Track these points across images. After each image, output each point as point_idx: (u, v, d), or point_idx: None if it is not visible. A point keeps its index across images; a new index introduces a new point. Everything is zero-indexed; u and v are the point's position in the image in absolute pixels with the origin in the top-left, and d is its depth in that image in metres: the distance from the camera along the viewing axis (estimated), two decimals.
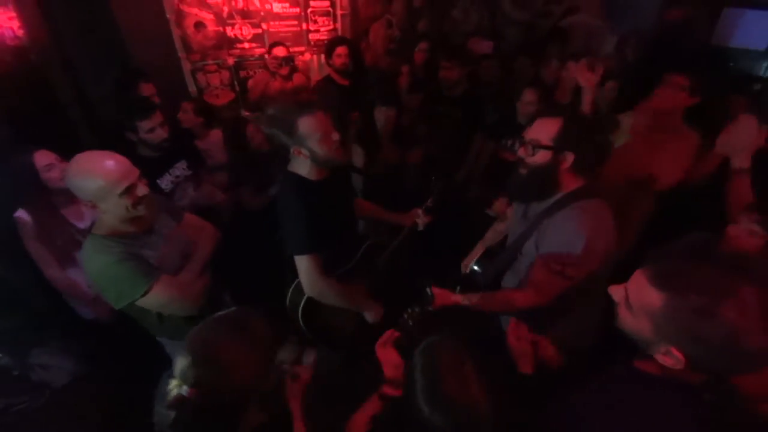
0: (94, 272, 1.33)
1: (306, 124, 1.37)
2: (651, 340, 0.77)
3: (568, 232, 1.21)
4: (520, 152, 1.30)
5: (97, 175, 1.27)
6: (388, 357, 1.19)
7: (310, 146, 1.40)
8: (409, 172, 3.08)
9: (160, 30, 2.90)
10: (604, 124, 2.15)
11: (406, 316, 1.31)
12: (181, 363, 0.87)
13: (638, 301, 0.78)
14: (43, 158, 1.76)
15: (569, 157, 1.21)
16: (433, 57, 3.26)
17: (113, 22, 2.70)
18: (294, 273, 1.53)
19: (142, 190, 1.34)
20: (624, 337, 0.85)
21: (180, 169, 2.19)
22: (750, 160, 1.58)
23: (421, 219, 1.83)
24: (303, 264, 1.46)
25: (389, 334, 1.25)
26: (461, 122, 2.87)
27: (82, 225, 1.86)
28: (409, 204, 1.90)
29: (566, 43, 3.24)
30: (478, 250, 1.78)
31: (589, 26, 3.58)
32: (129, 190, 1.31)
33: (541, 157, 1.24)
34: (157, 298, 1.35)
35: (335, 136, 1.42)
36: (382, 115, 2.93)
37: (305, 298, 1.57)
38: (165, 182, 2.11)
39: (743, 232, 1.36)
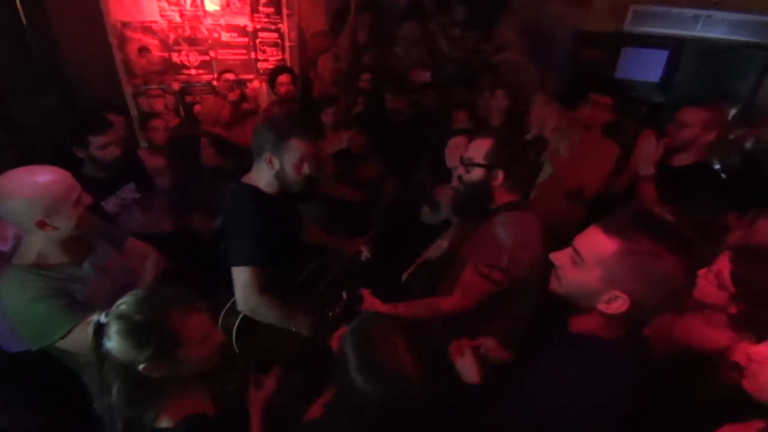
0: (12, 309, 1.19)
1: (297, 143, 1.44)
2: (597, 290, 0.85)
3: (497, 239, 1.32)
4: (459, 171, 1.41)
5: (52, 185, 1.17)
6: None
7: (283, 162, 1.44)
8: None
9: (101, 53, 2.83)
10: (533, 144, 2.36)
11: (330, 312, 1.33)
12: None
13: (591, 251, 0.86)
14: None
15: (500, 174, 1.33)
16: (376, 87, 3.51)
17: (51, 42, 2.60)
18: (228, 293, 1.46)
19: (85, 200, 1.27)
20: (557, 308, 0.96)
21: (128, 191, 2.12)
22: (654, 168, 1.88)
23: (365, 251, 1.90)
24: (242, 276, 1.40)
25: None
26: (408, 144, 3.08)
27: (4, 247, 1.61)
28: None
29: (496, 76, 3.63)
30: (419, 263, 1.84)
31: (516, 63, 4.05)
32: (77, 202, 1.22)
33: (476, 174, 1.36)
34: (79, 340, 1.19)
35: (306, 170, 1.49)
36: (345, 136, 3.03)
37: (239, 318, 1.49)
38: (111, 205, 2.03)
39: None
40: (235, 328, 1.49)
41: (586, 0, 3.68)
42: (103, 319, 0.90)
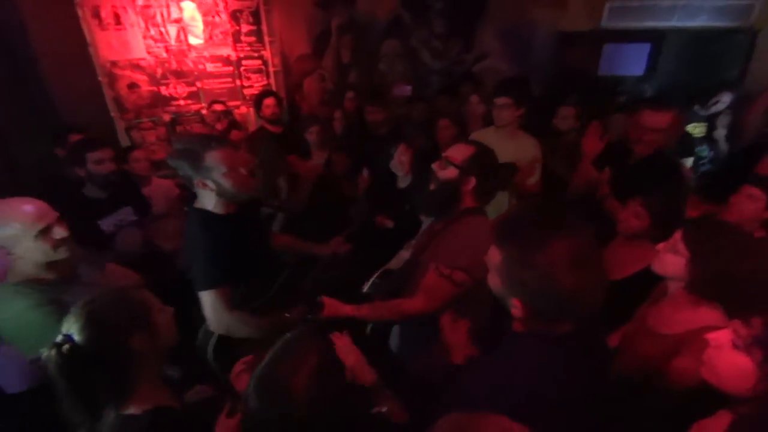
0: (7, 321, 1.26)
1: (213, 157, 1.39)
2: (503, 295, 0.87)
3: (457, 242, 1.34)
4: (435, 166, 1.44)
5: (11, 218, 1.24)
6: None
7: (216, 179, 1.41)
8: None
9: (92, 91, 2.99)
10: (506, 168, 2.40)
11: (286, 314, 1.32)
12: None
13: (491, 261, 0.89)
14: None
15: (472, 181, 1.37)
16: (361, 103, 3.56)
17: (43, 86, 2.77)
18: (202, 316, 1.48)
19: (59, 232, 1.31)
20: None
21: (125, 213, 2.24)
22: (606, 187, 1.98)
23: (341, 247, 1.92)
24: (207, 299, 1.41)
25: (240, 367, 1.21)
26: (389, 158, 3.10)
27: None
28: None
29: (477, 84, 3.66)
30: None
31: (497, 69, 4.08)
32: (44, 232, 1.27)
33: (450, 172, 1.38)
34: None
35: (243, 171, 1.45)
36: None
37: (215, 337, 1.50)
38: (107, 224, 2.15)
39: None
40: (211, 348, 1.51)
41: (561, 1, 3.70)
42: (60, 338, 0.91)
